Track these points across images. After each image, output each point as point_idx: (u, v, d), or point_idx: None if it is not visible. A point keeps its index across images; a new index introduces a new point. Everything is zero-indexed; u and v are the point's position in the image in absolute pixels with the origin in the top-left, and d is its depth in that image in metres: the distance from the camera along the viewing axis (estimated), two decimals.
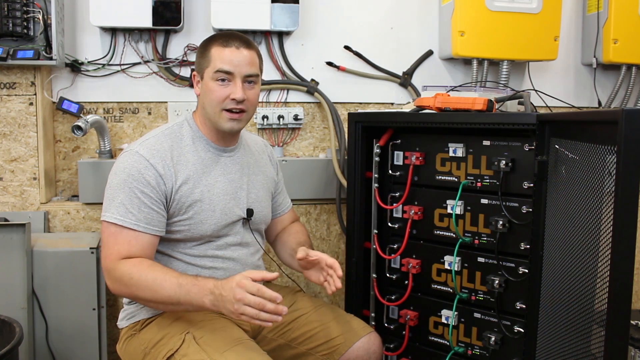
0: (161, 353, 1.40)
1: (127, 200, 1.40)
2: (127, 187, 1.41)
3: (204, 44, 1.52)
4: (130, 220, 1.39)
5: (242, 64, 1.46)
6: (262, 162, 1.69)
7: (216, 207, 1.50)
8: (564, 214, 1.30)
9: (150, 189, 1.41)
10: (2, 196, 2.10)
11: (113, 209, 1.40)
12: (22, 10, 1.98)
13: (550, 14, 2.28)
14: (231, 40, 1.47)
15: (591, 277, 1.13)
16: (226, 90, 1.46)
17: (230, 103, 1.46)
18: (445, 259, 1.70)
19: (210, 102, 1.47)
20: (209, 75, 1.46)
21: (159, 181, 1.43)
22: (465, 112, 1.62)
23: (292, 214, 1.83)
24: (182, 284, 1.32)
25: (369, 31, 2.38)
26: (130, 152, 1.45)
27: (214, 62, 1.45)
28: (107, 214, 1.41)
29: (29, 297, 1.91)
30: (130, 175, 1.41)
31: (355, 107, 2.41)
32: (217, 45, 1.47)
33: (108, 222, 1.40)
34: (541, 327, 1.44)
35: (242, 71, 1.46)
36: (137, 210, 1.40)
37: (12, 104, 2.08)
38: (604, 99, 2.59)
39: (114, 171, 1.45)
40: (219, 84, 1.46)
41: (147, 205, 1.41)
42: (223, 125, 1.49)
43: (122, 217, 1.39)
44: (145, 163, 1.42)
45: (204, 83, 1.49)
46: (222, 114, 1.47)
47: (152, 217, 1.42)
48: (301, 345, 1.58)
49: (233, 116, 1.48)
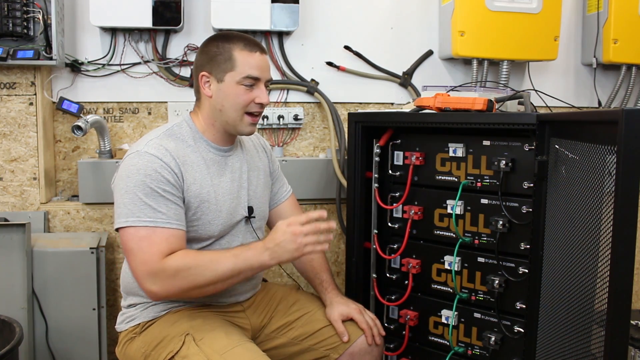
0: (161, 355, 1.40)
1: (152, 201, 1.36)
2: (147, 187, 1.37)
3: (217, 44, 1.48)
4: (162, 220, 1.36)
5: (266, 70, 1.50)
6: (257, 156, 1.68)
7: (222, 207, 1.50)
8: (564, 214, 1.30)
9: (170, 186, 1.39)
10: (2, 196, 2.10)
11: (138, 212, 1.35)
12: (22, 10, 1.98)
13: (550, 14, 2.28)
14: (252, 45, 1.48)
15: (591, 277, 1.13)
16: (251, 95, 1.47)
17: (254, 107, 1.48)
18: (445, 259, 1.70)
19: (234, 105, 1.47)
20: (234, 79, 1.45)
21: (175, 178, 1.41)
22: (465, 112, 1.62)
23: (291, 203, 1.78)
24: (237, 254, 1.37)
25: (369, 31, 2.38)
26: (138, 153, 1.41)
27: (242, 67, 1.45)
28: (132, 219, 1.35)
29: (29, 297, 1.91)
30: (148, 176, 1.37)
31: (355, 107, 2.41)
32: (241, 50, 1.46)
33: (136, 226, 1.35)
34: (541, 327, 1.44)
35: (266, 76, 1.50)
36: (165, 209, 1.37)
37: (12, 104, 2.08)
38: (604, 99, 2.59)
39: (126, 174, 1.39)
40: (244, 89, 1.46)
41: (172, 202, 1.39)
42: (244, 129, 1.50)
43: (151, 218, 1.36)
44: (160, 162, 1.39)
45: (225, 86, 1.47)
46: (244, 117, 1.48)
47: (179, 213, 1.40)
48: (304, 341, 1.59)
49: (255, 120, 1.50)
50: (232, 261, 1.36)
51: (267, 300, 1.66)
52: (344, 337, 1.55)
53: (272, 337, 1.61)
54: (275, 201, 1.75)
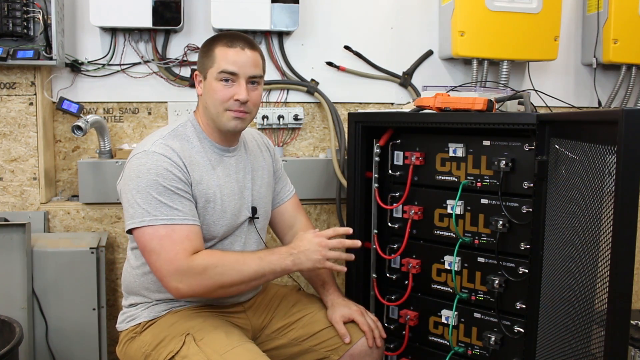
0: (162, 355, 1.40)
1: (167, 199, 1.36)
2: (160, 185, 1.36)
3: (207, 43, 1.51)
4: (179, 217, 1.36)
5: (246, 65, 1.45)
6: (261, 155, 1.68)
7: (227, 207, 1.50)
8: (564, 214, 1.30)
9: (182, 184, 1.40)
10: (2, 196, 2.10)
11: (154, 211, 1.35)
12: (22, 10, 1.98)
13: (550, 14, 2.28)
14: (235, 41, 1.46)
15: (591, 277, 1.13)
16: (230, 91, 1.45)
17: (234, 104, 1.46)
18: (445, 259, 1.70)
19: (214, 102, 1.46)
20: (213, 75, 1.45)
21: (186, 177, 1.41)
22: (465, 112, 1.62)
23: (293, 203, 1.78)
24: (262, 257, 1.40)
25: (369, 31, 2.38)
26: (146, 152, 1.40)
27: (219, 63, 1.44)
28: (149, 218, 1.35)
29: (29, 297, 1.91)
30: (159, 175, 1.37)
31: (355, 107, 2.41)
32: (222, 46, 1.46)
33: (154, 225, 1.35)
34: (541, 327, 1.44)
35: (247, 72, 1.46)
36: (181, 206, 1.38)
37: (12, 104, 2.08)
38: (604, 99, 2.59)
39: (135, 174, 1.38)
40: (222, 84, 1.45)
41: (186, 199, 1.40)
42: (227, 125, 1.48)
43: (169, 216, 1.35)
44: (169, 161, 1.39)
45: (207, 83, 1.47)
46: (225, 113, 1.46)
47: (193, 209, 1.41)
48: (304, 342, 1.59)
49: (237, 114, 1.47)
50: (257, 263, 1.38)
51: (267, 301, 1.66)
52: (346, 339, 1.55)
53: (273, 338, 1.61)
54: (278, 201, 1.75)
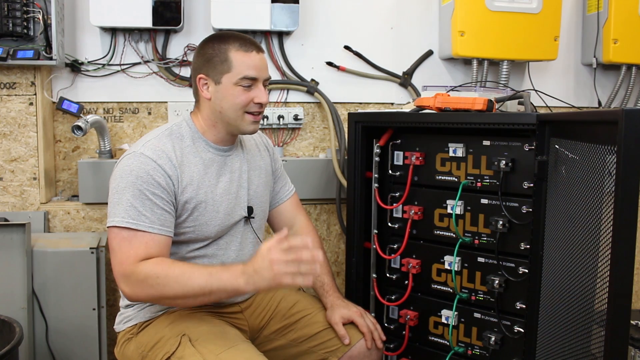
0: (158, 356, 1.39)
1: (139, 203, 1.37)
2: (136, 189, 1.37)
3: (213, 46, 1.48)
4: (144, 223, 1.36)
5: (263, 69, 1.49)
6: (259, 155, 1.68)
7: (220, 207, 1.50)
8: (564, 214, 1.30)
9: (160, 189, 1.39)
10: (2, 196, 2.10)
11: (123, 212, 1.36)
12: (22, 10, 1.98)
13: (550, 14, 2.28)
14: (248, 45, 1.47)
15: (591, 277, 1.13)
16: (250, 95, 1.46)
17: (254, 107, 1.48)
18: (445, 259, 1.70)
19: (233, 106, 1.46)
20: (232, 80, 1.45)
21: (168, 182, 1.41)
22: (465, 112, 1.62)
23: (293, 202, 1.78)
24: (212, 273, 1.32)
25: (369, 31, 2.38)
26: (134, 154, 1.41)
27: (239, 68, 1.45)
28: (117, 219, 1.36)
29: (29, 297, 1.91)
30: (139, 177, 1.38)
31: (355, 107, 2.41)
32: (237, 50, 1.45)
33: (119, 227, 1.36)
34: (541, 327, 1.44)
35: (264, 75, 1.49)
36: (150, 212, 1.37)
37: (12, 104, 2.08)
38: (604, 99, 2.59)
39: (119, 174, 1.40)
40: (242, 89, 1.46)
41: (159, 207, 1.38)
42: (246, 128, 1.49)
43: (134, 220, 1.36)
44: (153, 164, 1.39)
45: (223, 87, 1.46)
46: (245, 116, 1.48)
47: (165, 218, 1.39)
48: (303, 343, 1.58)
49: (256, 118, 1.50)
50: (205, 279, 1.31)
51: (266, 302, 1.65)
52: (345, 340, 1.55)
53: (271, 339, 1.60)
54: (277, 200, 1.75)
